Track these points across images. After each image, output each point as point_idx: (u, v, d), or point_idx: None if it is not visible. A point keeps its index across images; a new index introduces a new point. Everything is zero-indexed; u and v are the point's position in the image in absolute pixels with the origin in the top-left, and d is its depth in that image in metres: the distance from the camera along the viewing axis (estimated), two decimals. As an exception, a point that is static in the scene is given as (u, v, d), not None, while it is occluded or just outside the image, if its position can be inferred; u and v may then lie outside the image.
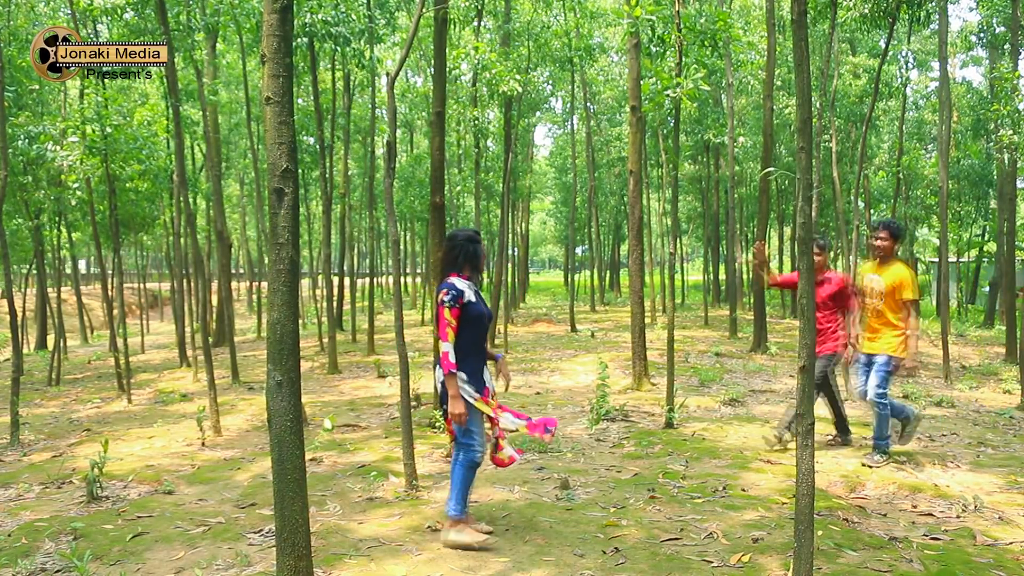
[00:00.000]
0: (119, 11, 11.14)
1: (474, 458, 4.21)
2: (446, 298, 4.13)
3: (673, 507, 4.88)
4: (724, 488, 5.26)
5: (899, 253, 6.08)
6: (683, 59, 7.56)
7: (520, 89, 13.48)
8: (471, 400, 4.16)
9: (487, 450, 4.31)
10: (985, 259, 28.55)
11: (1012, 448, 6.64)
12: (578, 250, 34.71)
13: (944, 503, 4.97)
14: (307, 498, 3.25)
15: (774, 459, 6.06)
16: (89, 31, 13.64)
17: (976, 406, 8.89)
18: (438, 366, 4.19)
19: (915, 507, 4.92)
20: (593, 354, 13.18)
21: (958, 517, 4.70)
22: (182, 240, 14.51)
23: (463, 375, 4.16)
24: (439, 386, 4.25)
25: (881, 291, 5.90)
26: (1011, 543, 4.25)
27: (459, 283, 4.21)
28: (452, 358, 4.08)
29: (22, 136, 10.29)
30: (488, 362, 4.38)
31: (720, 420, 7.78)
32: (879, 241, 6.02)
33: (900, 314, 5.88)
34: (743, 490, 5.22)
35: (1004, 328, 15.49)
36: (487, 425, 4.32)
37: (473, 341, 4.22)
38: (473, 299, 4.21)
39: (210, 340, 14.81)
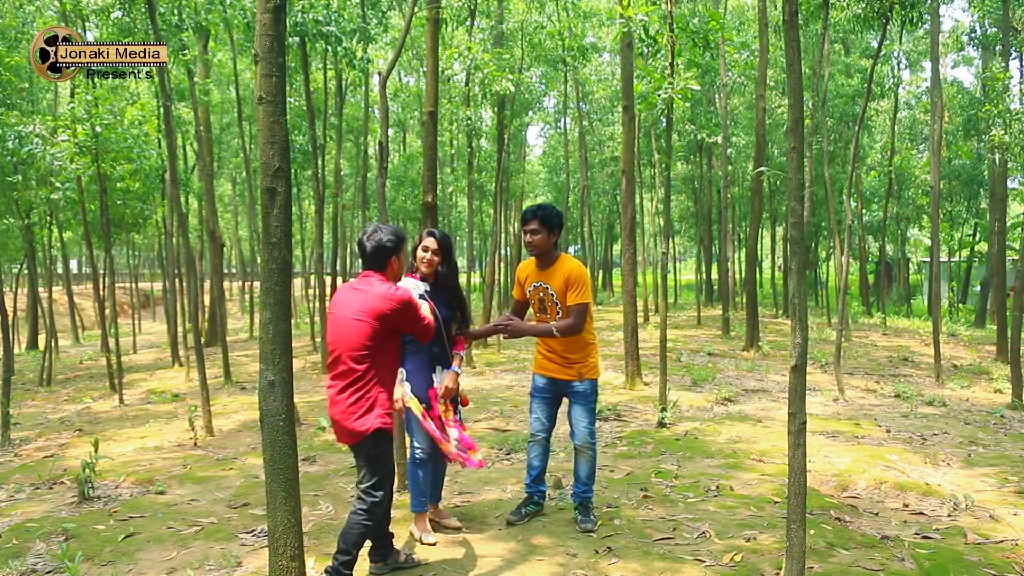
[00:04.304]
0: (108, 10, 11.08)
1: (415, 455, 4.23)
2: None
3: (666, 506, 4.89)
4: (716, 487, 5.27)
5: (559, 246, 4.63)
6: (675, 59, 7.57)
7: (513, 89, 13.49)
8: (406, 396, 4.17)
9: (432, 448, 4.19)
10: (976, 259, 28.71)
11: (1003, 447, 6.68)
12: (571, 250, 34.66)
13: (935, 502, 5.00)
14: (300, 498, 3.25)
15: (767, 458, 6.08)
16: (77, 30, 13.56)
17: (967, 405, 8.93)
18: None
19: (906, 506, 4.94)
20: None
21: (949, 516, 4.72)
22: (174, 240, 14.45)
23: (401, 371, 4.16)
24: None
25: (554, 300, 4.51)
26: (1001, 541, 4.27)
27: (407, 282, 4.22)
28: None
29: (12, 136, 10.22)
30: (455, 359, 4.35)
31: (712, 419, 7.80)
32: (530, 235, 4.48)
33: (587, 324, 4.51)
34: (735, 489, 5.24)
35: (995, 327, 15.59)
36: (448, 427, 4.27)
37: (415, 340, 4.14)
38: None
39: (202, 340, 14.79)
